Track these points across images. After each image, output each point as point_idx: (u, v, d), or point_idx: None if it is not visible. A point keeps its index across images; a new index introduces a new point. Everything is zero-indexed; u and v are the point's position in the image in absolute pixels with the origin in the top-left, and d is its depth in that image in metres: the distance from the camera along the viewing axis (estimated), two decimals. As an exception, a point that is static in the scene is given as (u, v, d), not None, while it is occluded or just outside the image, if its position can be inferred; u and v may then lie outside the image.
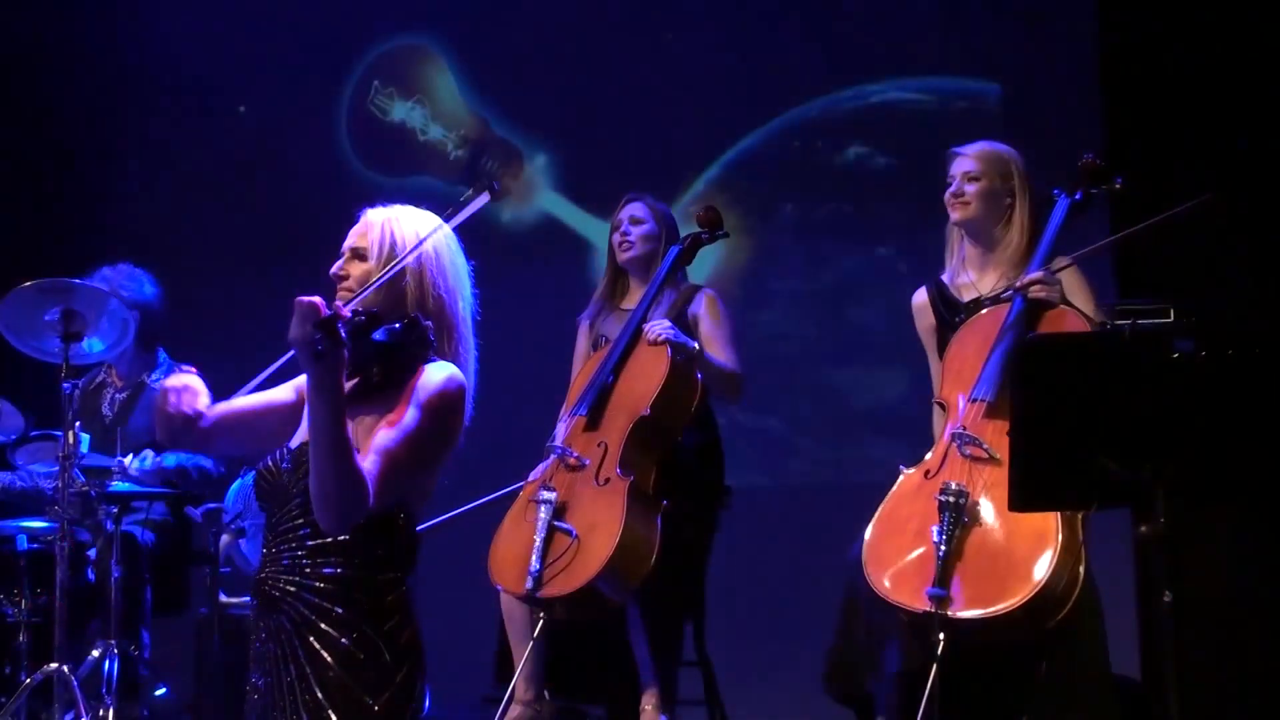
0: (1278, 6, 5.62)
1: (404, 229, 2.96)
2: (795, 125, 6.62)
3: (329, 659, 2.83)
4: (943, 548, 3.93)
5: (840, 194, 6.60)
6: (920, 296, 4.57)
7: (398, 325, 2.87)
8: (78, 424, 5.04)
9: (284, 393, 3.03)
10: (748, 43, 6.64)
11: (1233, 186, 5.43)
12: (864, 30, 6.52)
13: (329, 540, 2.85)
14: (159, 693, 5.30)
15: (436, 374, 2.87)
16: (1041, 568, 3.88)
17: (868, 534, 4.15)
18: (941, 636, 3.89)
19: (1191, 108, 5.69)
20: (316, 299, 2.67)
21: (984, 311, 4.32)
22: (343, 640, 2.83)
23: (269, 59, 7.09)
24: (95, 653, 4.96)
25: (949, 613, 3.89)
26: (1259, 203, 5.53)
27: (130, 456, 5.24)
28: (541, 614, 4.55)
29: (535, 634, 4.55)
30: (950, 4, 6.43)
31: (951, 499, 3.98)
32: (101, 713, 4.87)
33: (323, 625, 2.84)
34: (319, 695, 2.82)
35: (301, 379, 2.93)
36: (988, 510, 3.99)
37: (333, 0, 7.17)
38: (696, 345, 4.82)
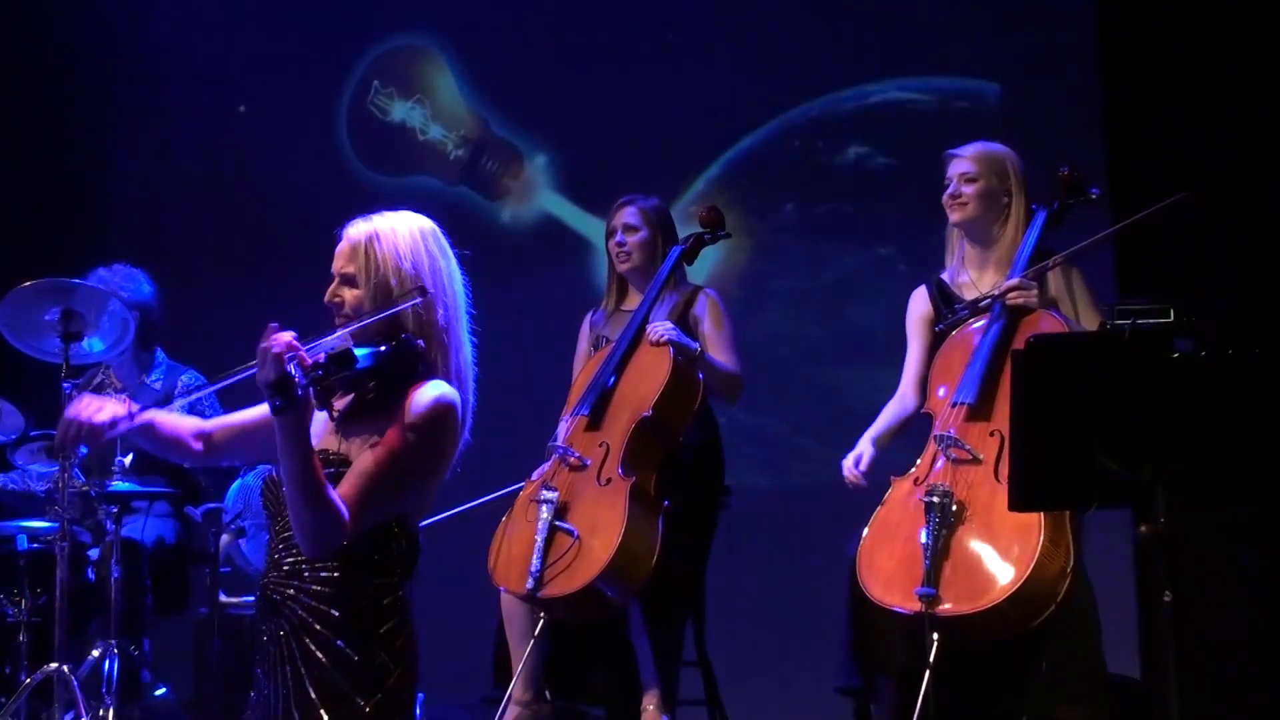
0: (1277, 6, 5.62)
1: (385, 248, 2.99)
2: (795, 125, 6.62)
3: (323, 659, 2.89)
4: (930, 548, 3.98)
5: (840, 194, 6.59)
6: (921, 292, 4.63)
7: (384, 348, 2.91)
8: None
9: None
10: (748, 42, 6.64)
11: (1233, 186, 5.44)
12: (864, 30, 6.52)
13: None
14: (159, 693, 5.30)
15: (426, 394, 2.92)
16: (1025, 561, 3.91)
17: (861, 544, 4.19)
18: (935, 636, 3.91)
19: (1191, 107, 5.69)
20: (282, 343, 2.70)
21: (968, 322, 4.36)
22: (337, 642, 2.89)
23: (269, 59, 7.09)
24: (95, 653, 4.96)
25: (939, 612, 3.92)
26: (1259, 202, 5.53)
27: (131, 456, 5.24)
28: (542, 614, 4.55)
29: (536, 633, 4.55)
30: (950, 4, 6.42)
31: (937, 500, 4.04)
32: (101, 713, 4.87)
33: (318, 627, 2.90)
34: (312, 695, 2.88)
35: None
36: (972, 510, 4.04)
37: (333, 0, 7.17)
38: (699, 347, 4.82)
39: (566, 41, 6.86)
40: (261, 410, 3.03)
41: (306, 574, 2.91)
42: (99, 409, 2.96)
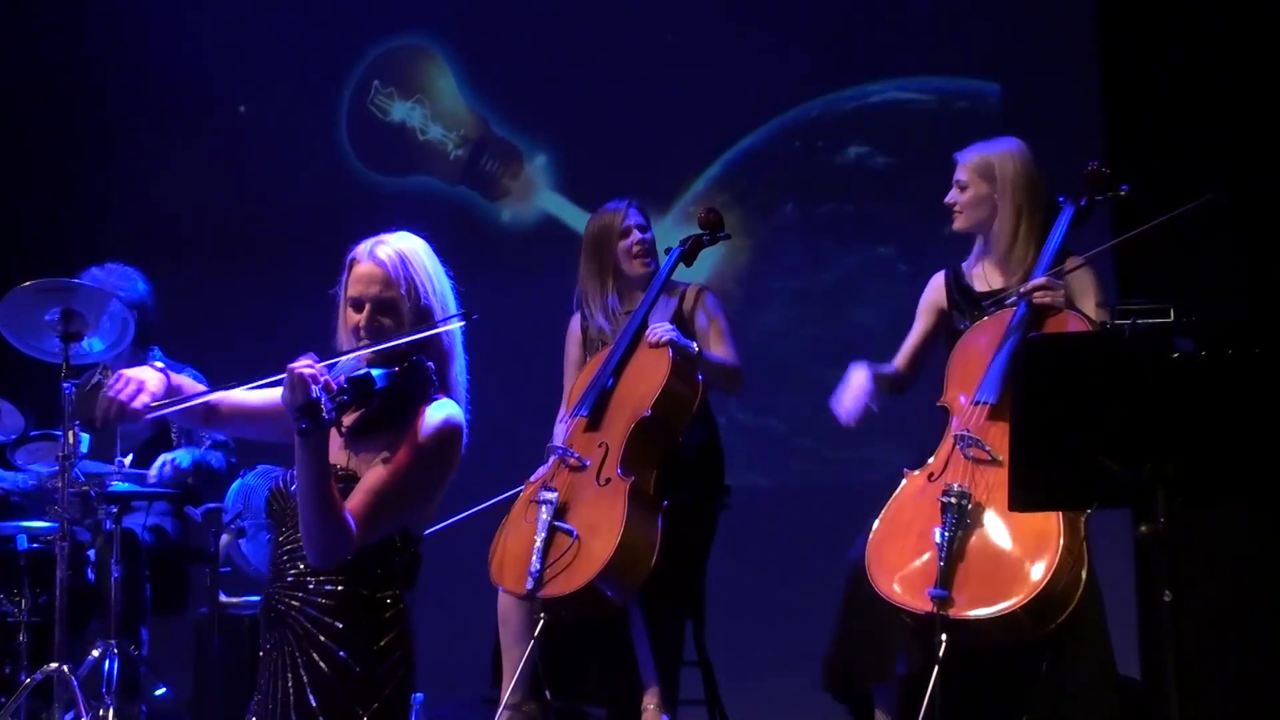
0: (1278, 6, 5.62)
1: (417, 269, 3.05)
2: (795, 125, 6.62)
3: (325, 669, 2.97)
4: (945, 549, 3.95)
5: (840, 194, 6.59)
6: (939, 277, 4.62)
7: (398, 369, 2.97)
8: (77, 424, 5.04)
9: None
10: (748, 43, 6.64)
11: (1233, 186, 5.43)
12: (864, 30, 6.52)
13: None
14: (159, 693, 5.30)
15: (434, 416, 2.99)
16: (1042, 569, 3.89)
17: (871, 537, 4.16)
18: (944, 638, 3.90)
19: (1192, 107, 5.69)
20: (312, 370, 2.76)
21: (988, 317, 4.33)
22: (340, 653, 2.97)
23: (269, 59, 7.09)
24: (95, 653, 4.96)
25: (951, 614, 3.90)
26: (1259, 203, 5.53)
27: (130, 457, 5.24)
28: (541, 614, 4.55)
29: (535, 634, 4.55)
30: (950, 4, 6.42)
31: (954, 500, 4.00)
32: (101, 713, 4.87)
33: (322, 638, 2.97)
34: (313, 703, 2.96)
35: None
36: (990, 512, 4.01)
37: (333, 0, 7.17)
38: (696, 346, 4.81)
39: (566, 41, 6.85)
40: (267, 396, 3.07)
41: (311, 586, 2.98)
42: (139, 390, 2.95)
